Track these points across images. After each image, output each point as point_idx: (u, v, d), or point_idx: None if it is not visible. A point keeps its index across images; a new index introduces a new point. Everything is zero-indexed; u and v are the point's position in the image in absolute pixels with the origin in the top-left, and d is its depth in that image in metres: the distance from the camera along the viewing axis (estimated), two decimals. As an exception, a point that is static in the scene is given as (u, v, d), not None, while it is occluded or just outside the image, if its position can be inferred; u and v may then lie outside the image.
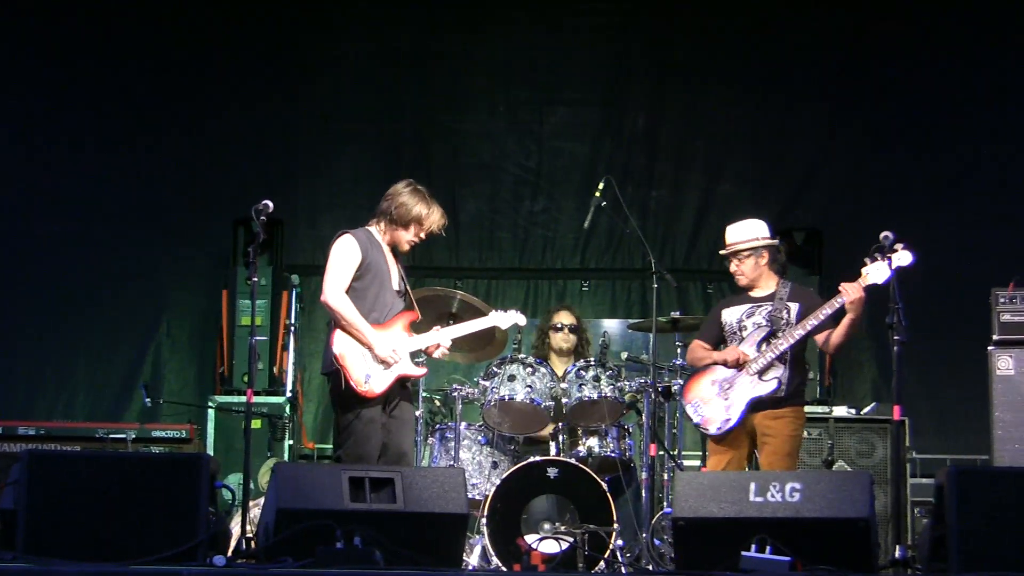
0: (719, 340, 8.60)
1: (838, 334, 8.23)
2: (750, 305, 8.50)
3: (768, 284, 8.52)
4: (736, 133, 12.46)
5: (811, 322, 8.16)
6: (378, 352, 7.86)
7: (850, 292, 7.99)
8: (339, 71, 12.54)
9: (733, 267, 8.54)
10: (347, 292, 7.92)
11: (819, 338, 8.34)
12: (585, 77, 12.64)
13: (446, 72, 12.56)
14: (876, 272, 7.88)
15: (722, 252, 8.62)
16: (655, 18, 12.51)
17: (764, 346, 8.30)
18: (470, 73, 12.60)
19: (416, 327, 8.26)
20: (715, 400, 8.38)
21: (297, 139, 12.52)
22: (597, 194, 8.93)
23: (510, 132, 12.58)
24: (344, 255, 7.95)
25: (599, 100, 12.62)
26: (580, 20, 12.52)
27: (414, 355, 8.16)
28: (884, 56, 12.21)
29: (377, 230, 8.12)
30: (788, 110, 12.36)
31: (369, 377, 7.83)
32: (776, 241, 8.64)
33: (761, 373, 8.27)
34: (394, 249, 8.16)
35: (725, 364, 8.37)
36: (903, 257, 7.77)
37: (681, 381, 9.09)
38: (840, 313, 8.12)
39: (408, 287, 8.26)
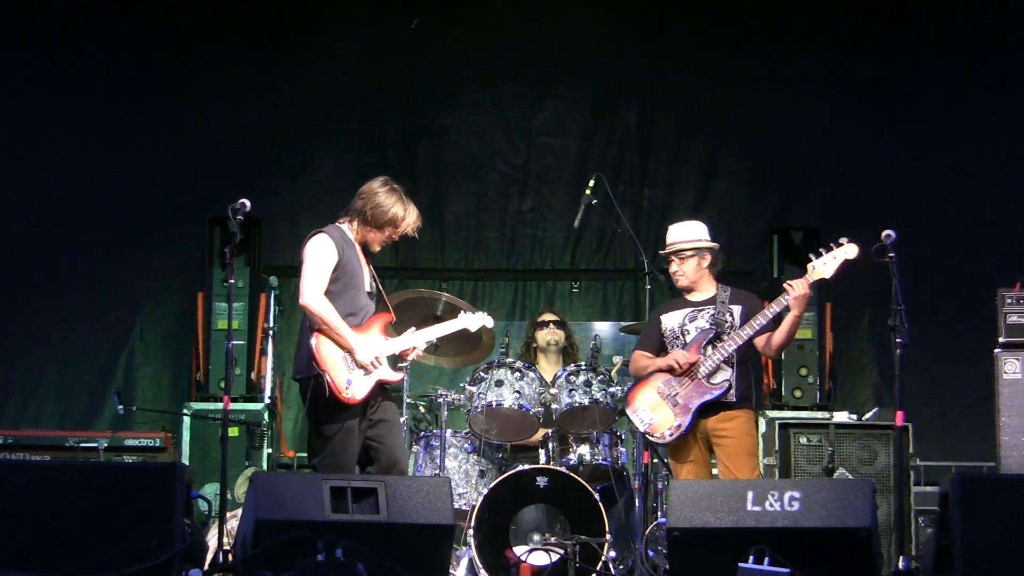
0: (660, 348, 8.51)
1: (780, 334, 8.18)
2: (691, 310, 8.42)
3: (707, 288, 8.47)
4: (731, 130, 12.42)
5: (759, 321, 8.09)
6: (360, 358, 7.69)
7: (796, 288, 7.95)
8: (321, 66, 12.46)
9: (674, 267, 8.48)
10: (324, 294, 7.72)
11: (759, 341, 8.27)
12: (576, 72, 12.57)
13: (432, 67, 12.49)
14: (823, 267, 7.94)
15: (663, 251, 8.57)
16: (648, 12, 12.48)
17: (710, 349, 8.22)
18: (457, 68, 12.53)
19: (396, 329, 8.12)
20: (662, 407, 8.27)
21: (278, 136, 12.43)
22: (588, 192, 8.94)
23: (498, 129, 12.52)
24: (321, 255, 7.73)
25: (590, 96, 12.56)
26: (572, 14, 12.46)
27: (391, 358, 8.00)
28: (883, 53, 12.17)
29: (349, 228, 7.92)
30: (785, 107, 12.31)
31: (350, 383, 7.66)
32: (717, 246, 8.57)
33: (709, 376, 8.18)
34: (364, 248, 7.95)
35: (671, 370, 8.27)
36: (849, 250, 7.88)
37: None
38: (784, 313, 8.08)
39: (380, 287, 8.09)
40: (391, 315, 8.02)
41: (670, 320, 8.43)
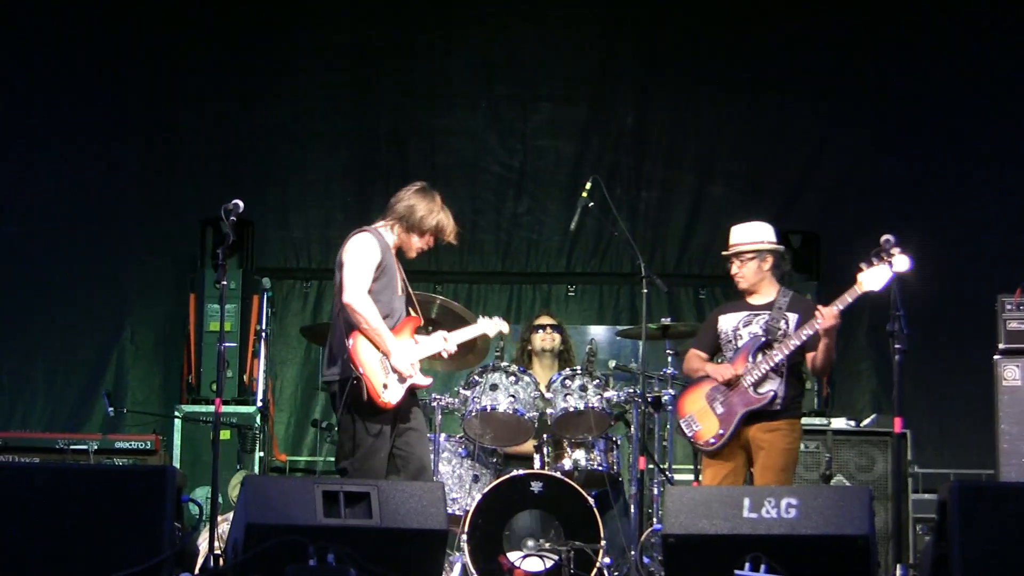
0: (715, 348, 8.45)
1: (817, 359, 8.10)
2: (748, 313, 8.34)
3: (768, 292, 8.36)
4: (729, 132, 12.36)
5: (806, 332, 7.98)
6: (396, 363, 7.66)
7: (826, 318, 7.86)
8: (312, 67, 12.40)
9: (735, 269, 8.38)
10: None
11: (807, 359, 8.20)
12: (571, 72, 12.50)
13: (424, 66, 12.42)
14: (872, 278, 7.72)
15: (724, 252, 8.45)
16: (643, 11, 12.40)
17: (759, 356, 8.13)
18: (450, 67, 12.46)
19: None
20: (708, 414, 8.22)
21: (268, 136, 12.36)
22: (584, 195, 8.80)
23: (492, 129, 12.44)
24: (367, 254, 7.68)
25: (586, 96, 12.48)
26: (565, 12, 12.39)
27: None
28: (882, 56, 12.12)
29: (389, 233, 7.88)
30: (783, 108, 12.27)
31: (386, 387, 7.63)
32: (782, 248, 8.47)
33: (756, 385, 8.10)
34: (398, 253, 7.94)
35: (717, 385, 8.21)
36: (901, 262, 7.60)
37: (672, 391, 8.97)
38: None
39: (411, 291, 8.06)
40: (420, 319, 8.00)
41: (726, 322, 8.36)
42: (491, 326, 8.62)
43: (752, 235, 8.36)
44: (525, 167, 12.38)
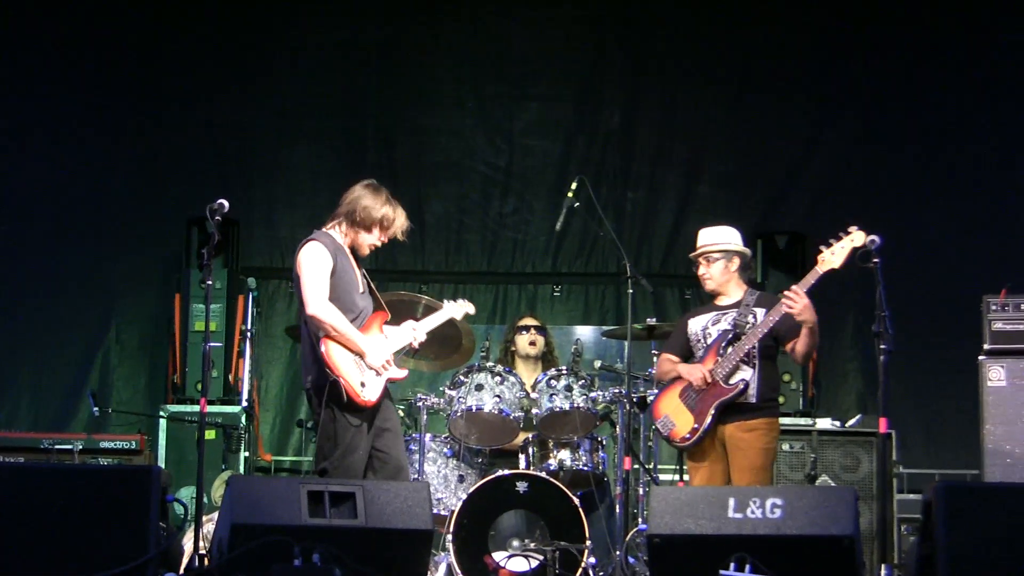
0: (686, 351, 8.49)
1: (801, 343, 8.11)
2: (716, 313, 8.39)
3: (735, 293, 8.42)
4: (716, 132, 12.32)
5: (772, 317, 8.03)
6: (371, 361, 7.68)
7: (795, 299, 7.87)
8: (298, 63, 12.37)
9: (702, 270, 8.44)
10: None
11: (788, 347, 8.23)
12: (558, 72, 12.49)
13: (411, 65, 12.38)
14: (831, 257, 7.84)
15: (692, 254, 8.52)
16: (631, 11, 12.40)
17: (729, 349, 8.17)
18: (436, 66, 12.44)
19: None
20: (682, 410, 8.24)
21: (253, 135, 12.33)
22: (570, 195, 8.80)
23: (479, 129, 12.42)
24: (318, 263, 7.67)
25: (573, 96, 12.47)
26: (553, 12, 12.38)
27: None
28: (869, 56, 12.11)
29: (338, 233, 7.87)
30: (770, 108, 12.23)
31: (364, 385, 7.64)
32: (749, 252, 8.55)
33: (726, 378, 8.12)
34: (353, 251, 7.93)
35: (690, 383, 8.23)
36: (857, 238, 7.75)
37: (657, 391, 8.87)
38: (794, 320, 8.03)
39: (373, 286, 8.04)
40: (387, 313, 7.98)
41: (695, 324, 8.41)
42: (457, 309, 8.57)
43: (720, 236, 8.44)
44: (512, 167, 12.34)
